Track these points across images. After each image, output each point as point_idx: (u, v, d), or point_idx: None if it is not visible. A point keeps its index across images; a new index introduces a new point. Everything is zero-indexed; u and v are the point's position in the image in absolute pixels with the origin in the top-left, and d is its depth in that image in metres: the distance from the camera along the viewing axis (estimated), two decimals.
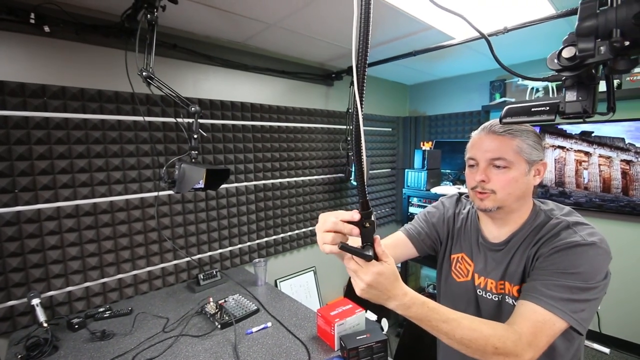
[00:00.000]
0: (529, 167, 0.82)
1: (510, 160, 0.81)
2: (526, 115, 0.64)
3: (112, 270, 1.62)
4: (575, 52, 0.49)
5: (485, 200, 0.84)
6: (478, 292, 0.92)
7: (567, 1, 1.51)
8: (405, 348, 1.46)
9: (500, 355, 0.66)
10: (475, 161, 0.87)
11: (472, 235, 0.97)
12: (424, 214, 1.10)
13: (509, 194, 0.82)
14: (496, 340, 0.66)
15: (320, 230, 0.61)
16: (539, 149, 0.83)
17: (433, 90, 3.34)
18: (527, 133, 0.83)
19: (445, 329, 0.66)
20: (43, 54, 1.42)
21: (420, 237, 1.05)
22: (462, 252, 0.99)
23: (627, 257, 2.26)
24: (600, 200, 2.28)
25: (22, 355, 1.15)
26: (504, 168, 0.81)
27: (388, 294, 0.61)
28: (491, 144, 0.83)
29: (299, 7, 1.57)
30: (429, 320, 0.65)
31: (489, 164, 0.83)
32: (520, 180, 0.82)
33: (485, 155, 0.84)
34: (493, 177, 0.83)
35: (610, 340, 2.33)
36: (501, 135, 0.83)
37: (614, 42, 0.44)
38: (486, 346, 0.65)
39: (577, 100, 0.55)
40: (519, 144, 0.81)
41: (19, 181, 1.37)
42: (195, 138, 1.31)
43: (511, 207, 0.85)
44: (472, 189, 0.87)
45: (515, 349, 0.66)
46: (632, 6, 0.42)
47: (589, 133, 2.28)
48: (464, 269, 0.97)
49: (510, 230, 0.87)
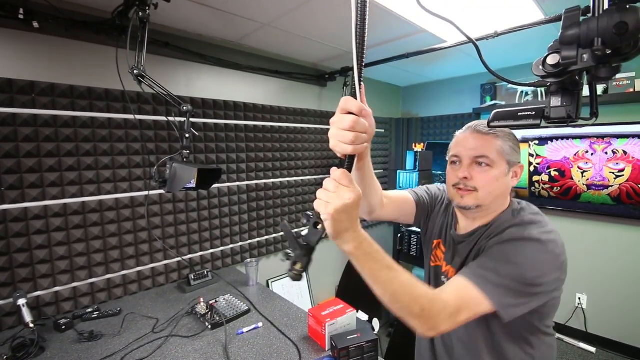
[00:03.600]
0: (509, 168, 0.85)
1: (493, 159, 0.83)
2: (513, 120, 0.66)
3: (101, 270, 1.59)
4: (559, 59, 0.50)
5: (466, 198, 0.85)
6: (442, 278, 0.96)
7: (556, 6, 1.55)
8: (395, 348, 1.48)
9: (423, 318, 0.66)
10: (459, 158, 0.89)
11: (448, 224, 1.01)
12: (426, 188, 1.12)
13: (489, 192, 0.84)
14: (426, 302, 0.66)
15: (338, 127, 0.55)
16: (517, 151, 0.86)
17: (425, 92, 3.37)
18: (508, 135, 0.86)
19: (384, 277, 0.63)
20: (32, 50, 1.39)
21: (423, 205, 1.07)
22: (440, 238, 1.02)
23: (612, 258, 2.32)
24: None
25: (7, 356, 1.13)
26: (487, 166, 0.83)
27: (353, 222, 0.57)
28: (475, 142, 0.85)
29: (293, 7, 1.57)
30: (375, 261, 0.62)
31: (473, 161, 0.85)
32: (500, 180, 0.84)
33: (469, 152, 0.86)
34: (476, 174, 0.84)
35: (596, 340, 2.39)
36: (485, 134, 0.85)
37: (596, 50, 0.45)
38: (415, 305, 0.65)
39: (561, 105, 0.57)
40: (501, 145, 0.84)
41: (5, 179, 1.34)
42: (187, 137, 1.30)
43: (489, 207, 0.86)
44: (453, 185, 0.89)
45: (437, 316, 0.66)
46: (613, 16, 0.44)
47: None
48: (440, 255, 1.00)
49: (478, 225, 0.90)
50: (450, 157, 0.92)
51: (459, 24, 0.70)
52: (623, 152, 2.16)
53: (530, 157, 2.54)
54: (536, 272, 0.71)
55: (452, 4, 1.52)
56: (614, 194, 2.21)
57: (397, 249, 2.91)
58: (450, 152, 0.93)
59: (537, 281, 0.71)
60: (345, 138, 0.55)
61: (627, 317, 2.27)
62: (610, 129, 2.19)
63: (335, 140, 0.56)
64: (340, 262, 2.89)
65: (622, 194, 2.18)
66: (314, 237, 0.60)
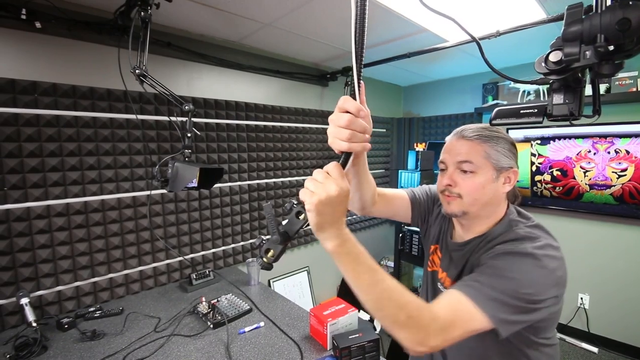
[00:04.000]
0: (497, 174, 0.81)
1: (477, 165, 0.81)
2: (515, 117, 0.66)
3: (103, 270, 1.60)
4: (561, 56, 0.50)
5: (452, 204, 0.84)
6: (438, 285, 0.95)
7: (558, 5, 1.54)
8: (397, 347, 1.48)
9: (410, 328, 0.62)
10: (445, 165, 0.87)
11: (445, 230, 1.00)
12: (427, 188, 1.10)
13: (475, 199, 0.82)
14: (413, 310, 0.62)
15: (335, 124, 0.57)
16: (510, 156, 0.83)
17: (427, 91, 3.37)
18: (497, 140, 0.82)
19: (367, 280, 0.60)
20: (34, 50, 1.40)
21: (420, 204, 1.06)
22: (437, 244, 1.01)
23: (615, 258, 2.31)
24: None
25: (10, 355, 1.14)
26: (471, 173, 0.81)
27: (336, 218, 0.57)
28: (461, 148, 0.84)
29: (294, 7, 1.57)
30: (357, 263, 0.60)
31: (457, 167, 0.84)
32: (487, 186, 0.81)
33: (453, 158, 0.84)
34: (460, 181, 0.83)
35: (599, 340, 2.38)
36: (470, 140, 0.83)
37: (599, 47, 0.45)
38: (400, 312, 0.61)
39: (564, 103, 0.57)
40: (487, 150, 0.81)
41: (8, 179, 1.35)
42: (189, 137, 1.31)
43: (477, 214, 0.84)
44: (441, 192, 0.88)
45: (427, 327, 0.62)
46: (616, 13, 0.43)
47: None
48: (436, 260, 0.99)
49: (473, 235, 0.87)
50: (439, 163, 0.91)
51: (461, 23, 0.70)
52: (626, 152, 2.15)
53: (532, 156, 2.53)
54: (531, 289, 0.67)
55: (453, 3, 1.52)
56: (616, 194, 2.20)
57: (398, 248, 2.91)
58: (439, 159, 0.93)
59: (532, 298, 0.67)
60: (341, 135, 0.56)
61: (630, 317, 2.26)
62: (613, 128, 2.18)
63: (332, 136, 0.58)
64: None
65: (624, 193, 2.17)
66: (294, 226, 0.59)
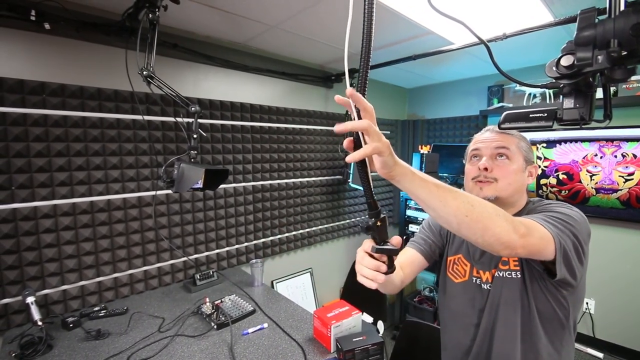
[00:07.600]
0: (526, 165, 0.91)
1: (513, 152, 0.90)
2: (524, 121, 0.65)
3: (108, 269, 1.61)
4: (573, 60, 0.50)
5: (485, 189, 0.90)
6: (482, 285, 0.93)
7: (565, 9, 1.53)
8: (401, 351, 1.47)
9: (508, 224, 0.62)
10: (479, 152, 0.94)
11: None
12: (427, 222, 1.14)
13: (509, 184, 0.89)
14: (502, 211, 0.63)
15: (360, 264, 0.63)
16: (532, 152, 0.95)
17: (432, 94, 3.36)
18: (523, 138, 0.94)
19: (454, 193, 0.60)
20: (43, 51, 1.41)
21: (429, 246, 1.06)
22: (460, 253, 1.00)
23: (621, 263, 2.28)
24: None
25: (16, 354, 1.14)
26: (506, 159, 0.90)
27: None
28: (496, 137, 0.93)
29: (300, 9, 1.58)
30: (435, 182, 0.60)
31: (493, 154, 0.91)
32: (518, 173, 0.90)
33: (490, 145, 0.92)
34: (496, 166, 0.90)
35: (604, 345, 2.35)
36: (504, 132, 0.93)
37: (612, 52, 0.45)
38: (495, 210, 0.62)
39: (574, 107, 0.56)
40: (519, 142, 0.92)
41: (15, 178, 1.36)
42: (195, 138, 1.31)
43: (507, 200, 0.90)
44: (472, 179, 0.93)
45: (517, 227, 0.63)
46: (630, 17, 0.43)
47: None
48: (461, 270, 0.98)
49: None
50: (471, 151, 0.97)
51: (469, 25, 0.69)
52: (633, 156, 2.13)
53: (537, 159, 2.51)
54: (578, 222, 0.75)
55: (459, 5, 1.51)
56: (623, 198, 2.18)
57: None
58: (469, 150, 0.99)
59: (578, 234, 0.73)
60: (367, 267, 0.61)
61: (636, 323, 2.23)
62: (620, 132, 2.16)
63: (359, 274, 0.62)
64: (345, 264, 2.89)
65: (631, 197, 2.15)
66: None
